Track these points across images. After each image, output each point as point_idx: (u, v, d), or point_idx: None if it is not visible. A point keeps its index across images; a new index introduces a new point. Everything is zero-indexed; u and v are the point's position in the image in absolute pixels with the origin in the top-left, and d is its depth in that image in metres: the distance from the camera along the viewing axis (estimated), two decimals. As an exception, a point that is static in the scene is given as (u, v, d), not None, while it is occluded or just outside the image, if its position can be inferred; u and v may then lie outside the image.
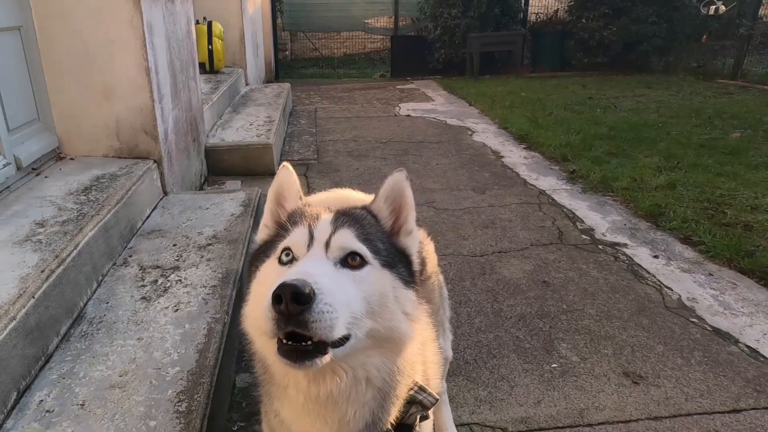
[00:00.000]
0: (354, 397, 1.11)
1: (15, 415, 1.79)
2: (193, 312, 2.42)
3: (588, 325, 2.95)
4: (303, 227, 1.16)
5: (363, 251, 1.10)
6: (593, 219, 4.30)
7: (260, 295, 1.11)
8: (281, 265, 1.13)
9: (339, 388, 1.09)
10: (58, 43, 3.30)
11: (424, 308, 1.22)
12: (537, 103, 8.50)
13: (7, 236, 2.42)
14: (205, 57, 7.19)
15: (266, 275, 1.16)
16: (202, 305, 2.47)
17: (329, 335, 0.97)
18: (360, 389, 1.11)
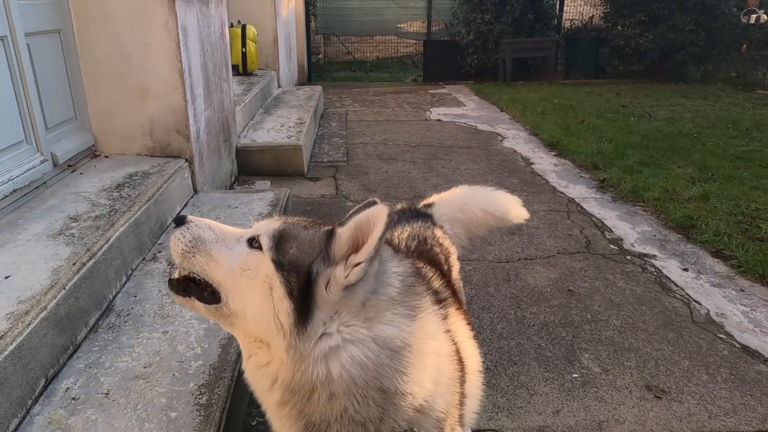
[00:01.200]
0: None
1: (42, 401, 1.86)
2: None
3: (612, 336, 2.90)
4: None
5: (262, 241, 1.19)
6: (622, 229, 4.24)
7: None
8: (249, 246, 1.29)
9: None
10: (96, 45, 3.41)
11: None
12: (569, 110, 8.40)
13: (41, 229, 2.51)
14: (239, 59, 7.31)
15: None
16: (226, 301, 2.51)
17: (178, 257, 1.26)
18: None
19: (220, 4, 4.48)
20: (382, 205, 1.10)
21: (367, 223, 1.10)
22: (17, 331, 1.79)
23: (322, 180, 5.38)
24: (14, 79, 2.87)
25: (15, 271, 2.14)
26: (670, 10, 10.56)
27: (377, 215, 1.09)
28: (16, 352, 1.75)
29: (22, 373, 1.78)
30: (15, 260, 2.22)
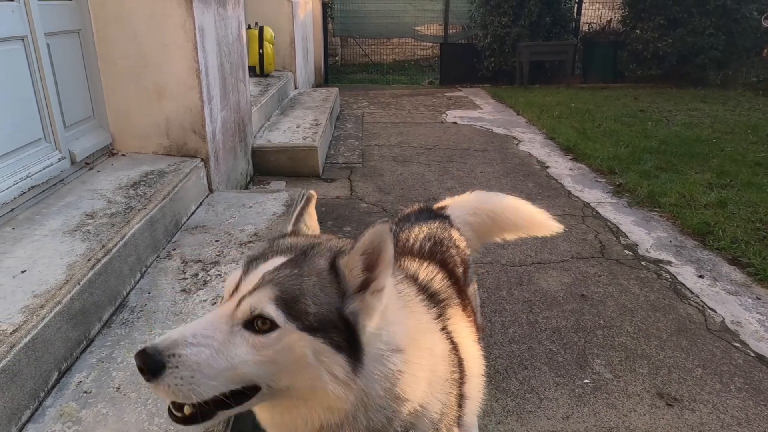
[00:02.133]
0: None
1: (55, 393, 1.89)
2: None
3: (624, 342, 2.87)
4: (241, 270, 1.15)
5: (272, 316, 1.04)
6: (638, 234, 4.19)
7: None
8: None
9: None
10: (114, 45, 3.47)
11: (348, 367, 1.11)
12: (586, 114, 8.34)
13: (58, 225, 2.55)
14: (256, 61, 7.37)
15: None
16: (238, 300, 2.53)
17: (186, 400, 1.02)
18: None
19: (238, 6, 4.52)
20: (382, 224, 1.09)
21: (372, 244, 1.09)
22: (32, 325, 1.83)
23: (337, 181, 5.40)
24: (34, 78, 2.92)
25: (31, 266, 2.18)
26: (689, 14, 10.43)
27: (382, 234, 1.08)
28: (30, 345, 1.79)
29: (36, 366, 1.81)
30: (31, 255, 2.26)
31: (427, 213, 2.05)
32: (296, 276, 1.09)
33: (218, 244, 3.08)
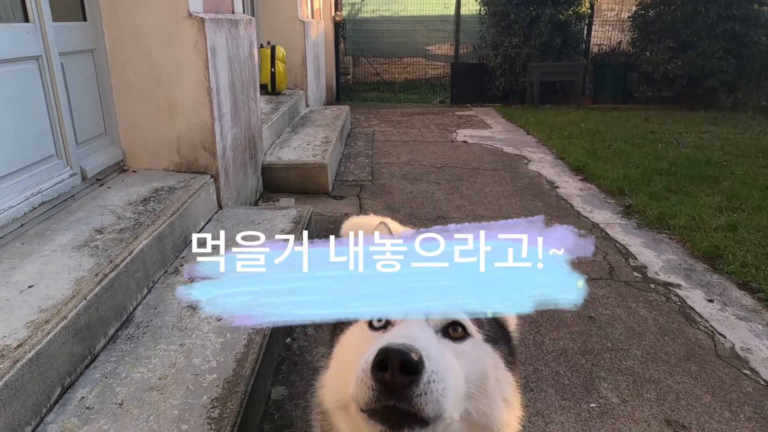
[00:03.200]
0: None
1: (57, 409, 1.89)
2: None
3: (632, 366, 2.84)
4: None
5: (466, 322, 0.98)
6: (647, 256, 4.16)
7: (346, 363, 1.01)
8: (373, 330, 1.01)
9: None
10: (127, 64, 3.53)
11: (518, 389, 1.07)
12: (596, 134, 8.33)
13: (67, 241, 2.58)
14: (268, 79, 7.46)
15: (354, 341, 1.04)
16: (244, 317, 2.54)
17: (438, 412, 0.84)
18: None
19: (250, 26, 4.59)
20: None
21: None
22: (36, 340, 1.84)
23: (347, 198, 5.42)
24: (47, 96, 2.98)
25: (39, 281, 2.20)
26: (699, 37, 10.45)
27: None
28: (34, 360, 1.80)
29: (39, 381, 1.82)
30: (39, 270, 2.29)
31: None
32: None
33: (225, 261, 3.09)
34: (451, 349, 0.95)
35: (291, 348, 2.90)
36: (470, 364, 0.96)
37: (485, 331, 1.02)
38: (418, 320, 0.97)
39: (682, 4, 10.38)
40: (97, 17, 3.43)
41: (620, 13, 13.26)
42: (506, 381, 1.01)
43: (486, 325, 1.03)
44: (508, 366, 1.03)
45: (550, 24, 11.00)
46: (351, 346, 1.05)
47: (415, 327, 0.95)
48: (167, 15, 3.43)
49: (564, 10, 11.08)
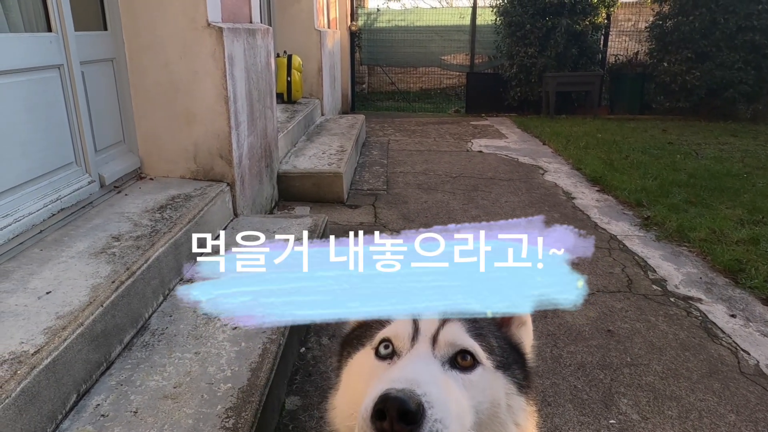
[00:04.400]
0: None
1: (72, 416, 1.89)
2: (251, 331, 2.48)
3: (652, 381, 2.78)
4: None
5: (475, 349, 0.95)
6: (666, 269, 4.09)
7: (354, 389, 1.02)
8: (379, 359, 1.00)
9: None
10: (146, 73, 3.56)
11: (533, 412, 1.05)
12: (613, 145, 8.26)
13: (84, 247, 2.59)
14: (284, 88, 7.50)
15: (361, 368, 1.04)
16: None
17: None
18: None
19: (267, 35, 4.62)
20: None
21: None
22: (53, 346, 1.84)
23: (362, 208, 5.41)
24: (68, 104, 3.01)
25: (56, 287, 2.21)
26: (717, 48, 10.34)
27: None
28: (50, 366, 1.80)
29: (55, 388, 1.82)
30: (57, 276, 2.30)
31: None
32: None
33: (241, 269, 3.09)
34: (460, 381, 0.93)
35: (305, 358, 2.88)
36: (480, 393, 0.94)
37: (496, 357, 0.99)
38: (424, 352, 0.95)
39: (700, 14, 10.30)
40: (117, 27, 3.47)
41: (637, 23, 13.21)
42: (518, 406, 0.99)
43: (497, 350, 1.00)
44: (522, 391, 1.00)
45: (566, 34, 10.98)
46: (357, 373, 1.04)
47: (419, 362, 0.93)
48: (186, 24, 3.46)
49: (580, 20, 11.06)
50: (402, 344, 0.99)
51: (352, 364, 1.08)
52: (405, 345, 0.98)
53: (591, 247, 1.03)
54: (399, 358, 0.97)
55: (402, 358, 0.96)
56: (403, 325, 1.01)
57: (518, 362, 1.04)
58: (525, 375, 1.04)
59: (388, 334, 1.01)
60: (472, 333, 0.98)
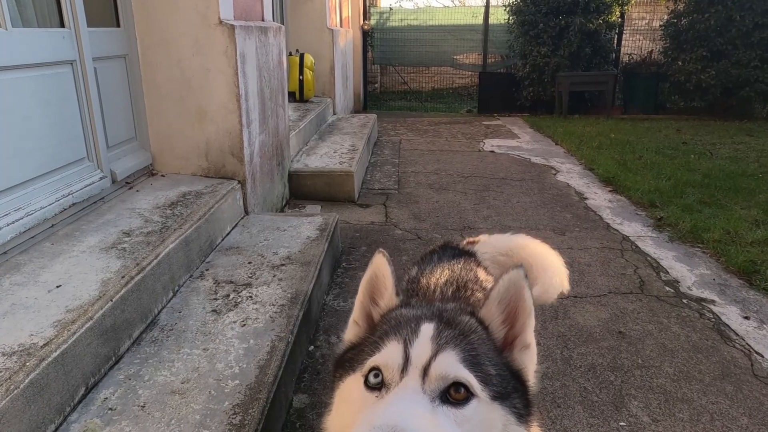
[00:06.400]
0: None
1: (80, 409, 1.90)
2: (259, 328, 2.48)
3: (664, 384, 2.74)
4: (397, 342, 0.98)
5: (469, 381, 0.91)
6: (679, 270, 4.04)
7: (343, 415, 1.01)
8: (368, 388, 0.97)
9: None
10: (158, 70, 3.58)
11: None
12: (626, 145, 8.18)
13: (95, 242, 2.61)
14: (296, 86, 7.51)
15: (351, 395, 1.01)
16: (268, 323, 2.53)
17: None
18: None
19: (279, 34, 4.63)
20: (516, 270, 1.01)
21: (508, 292, 1.01)
22: (62, 339, 1.85)
23: (373, 207, 5.40)
24: (80, 100, 3.03)
25: (67, 281, 2.22)
26: (733, 46, 10.20)
27: (517, 281, 1.00)
28: (59, 359, 1.81)
29: (64, 381, 1.83)
30: (68, 270, 2.31)
31: (451, 250, 1.97)
32: (462, 336, 0.97)
33: (251, 266, 3.10)
34: (451, 417, 0.89)
35: (314, 356, 2.87)
36: (474, 428, 0.90)
37: (493, 387, 0.94)
38: (413, 387, 0.91)
39: (716, 12, 10.17)
40: (130, 23, 3.49)
41: (651, 22, 13.06)
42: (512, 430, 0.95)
43: (496, 378, 0.96)
44: (521, 420, 0.96)
45: (579, 33, 10.90)
46: (347, 399, 1.02)
47: (406, 401, 0.89)
48: (198, 22, 3.47)
49: (594, 19, 10.96)
50: (391, 376, 0.95)
51: (343, 388, 1.05)
52: (394, 377, 0.94)
53: (603, 248, 1.01)
54: (387, 391, 0.93)
55: (389, 393, 0.92)
56: (392, 354, 0.97)
57: (519, 390, 0.99)
58: (526, 403, 0.99)
59: (377, 362, 0.97)
60: (467, 361, 0.94)
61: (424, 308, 1.10)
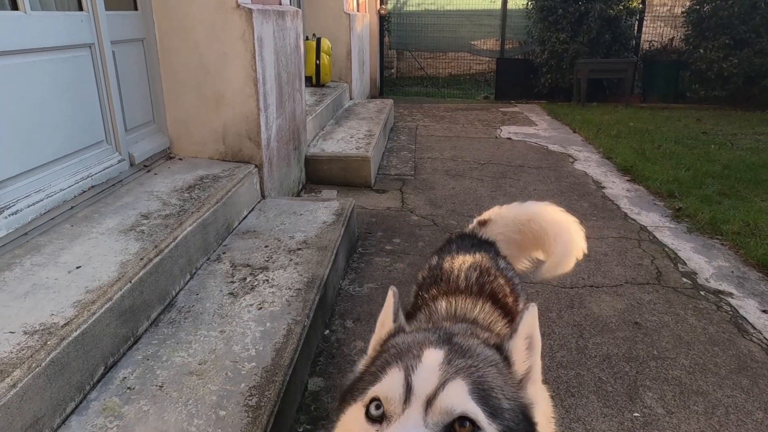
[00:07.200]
0: None
1: (99, 387, 1.94)
2: (276, 312, 2.50)
3: (679, 375, 2.72)
4: (398, 371, 0.93)
5: (477, 416, 0.86)
6: (697, 262, 3.99)
7: None
8: (369, 420, 0.92)
9: None
10: (176, 54, 3.58)
11: None
12: (645, 134, 8.07)
13: (114, 224, 2.64)
14: (313, 71, 7.49)
15: (351, 426, 0.97)
16: (285, 306, 2.55)
17: None
18: None
19: (296, 18, 4.60)
20: (534, 306, 1.00)
21: (530, 327, 1.00)
22: (82, 319, 1.88)
23: (389, 192, 5.39)
24: (99, 83, 3.05)
25: (86, 262, 2.25)
26: (757, 34, 9.96)
27: (534, 316, 1.01)
28: (79, 338, 1.84)
29: (84, 360, 1.87)
30: (87, 252, 2.34)
31: (470, 240, 1.96)
32: (476, 367, 0.92)
33: (267, 250, 3.12)
34: None
35: (329, 340, 2.89)
36: None
37: (503, 423, 0.89)
38: (415, 420, 0.86)
39: (740, -1, 9.94)
40: (147, 7, 3.49)
41: (673, 8, 12.78)
42: None
43: (507, 413, 0.91)
44: None
45: (599, 19, 10.71)
46: (348, 430, 0.99)
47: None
48: (216, 5, 3.46)
49: (614, 5, 10.77)
50: (392, 408, 0.90)
51: (345, 419, 1.01)
52: (396, 409, 0.90)
53: (620, 237, 0.98)
54: (389, 424, 0.89)
55: (390, 427, 0.88)
56: (393, 384, 0.92)
57: (526, 428, 0.94)
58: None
59: (378, 392, 0.93)
60: (477, 395, 0.89)
61: (429, 333, 1.06)
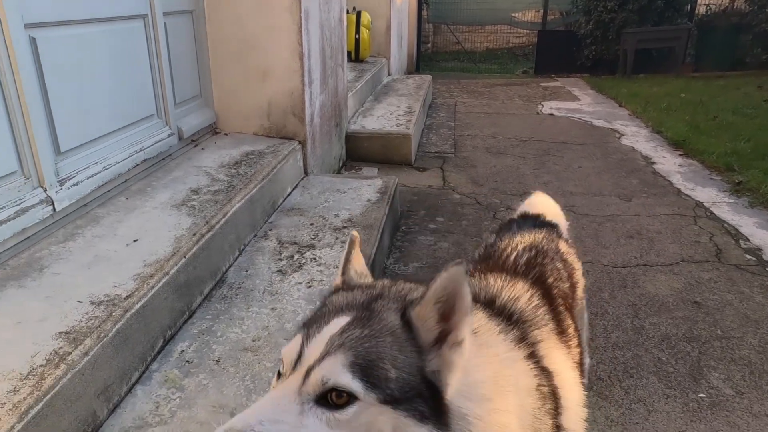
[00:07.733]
0: None
1: (160, 359, 1.95)
2: (325, 291, 2.47)
3: (747, 355, 2.60)
4: (299, 337, 0.99)
5: (350, 387, 0.90)
6: (761, 238, 3.80)
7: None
8: (277, 376, 1.00)
9: None
10: (223, 27, 3.55)
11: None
12: (699, 105, 7.71)
13: (166, 198, 2.64)
14: (352, 46, 7.39)
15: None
16: (333, 285, 2.52)
17: None
18: None
19: (341, -11, 4.52)
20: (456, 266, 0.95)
21: (446, 290, 0.96)
22: (142, 293, 1.89)
23: (429, 170, 5.31)
24: (151, 55, 3.04)
25: (143, 236, 2.26)
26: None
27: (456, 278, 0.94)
28: (140, 311, 1.85)
29: (145, 332, 1.88)
30: (142, 225, 2.36)
31: (533, 220, 1.90)
32: (368, 337, 0.95)
33: (313, 228, 3.09)
34: (323, 420, 0.89)
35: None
36: (355, 430, 0.90)
37: (385, 391, 0.91)
38: (291, 388, 0.92)
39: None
40: (196, -22, 3.46)
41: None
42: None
43: (393, 382, 0.91)
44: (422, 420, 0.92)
45: (651, -16, 10.18)
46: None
47: (275, 401, 0.91)
48: (263, -23, 3.41)
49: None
50: (285, 370, 0.97)
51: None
52: (286, 371, 0.96)
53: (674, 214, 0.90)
54: (277, 386, 0.96)
55: (269, 393, 0.95)
56: (291, 350, 0.98)
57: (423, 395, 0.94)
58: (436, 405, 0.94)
59: (282, 353, 0.99)
60: (358, 366, 0.91)
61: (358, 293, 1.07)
